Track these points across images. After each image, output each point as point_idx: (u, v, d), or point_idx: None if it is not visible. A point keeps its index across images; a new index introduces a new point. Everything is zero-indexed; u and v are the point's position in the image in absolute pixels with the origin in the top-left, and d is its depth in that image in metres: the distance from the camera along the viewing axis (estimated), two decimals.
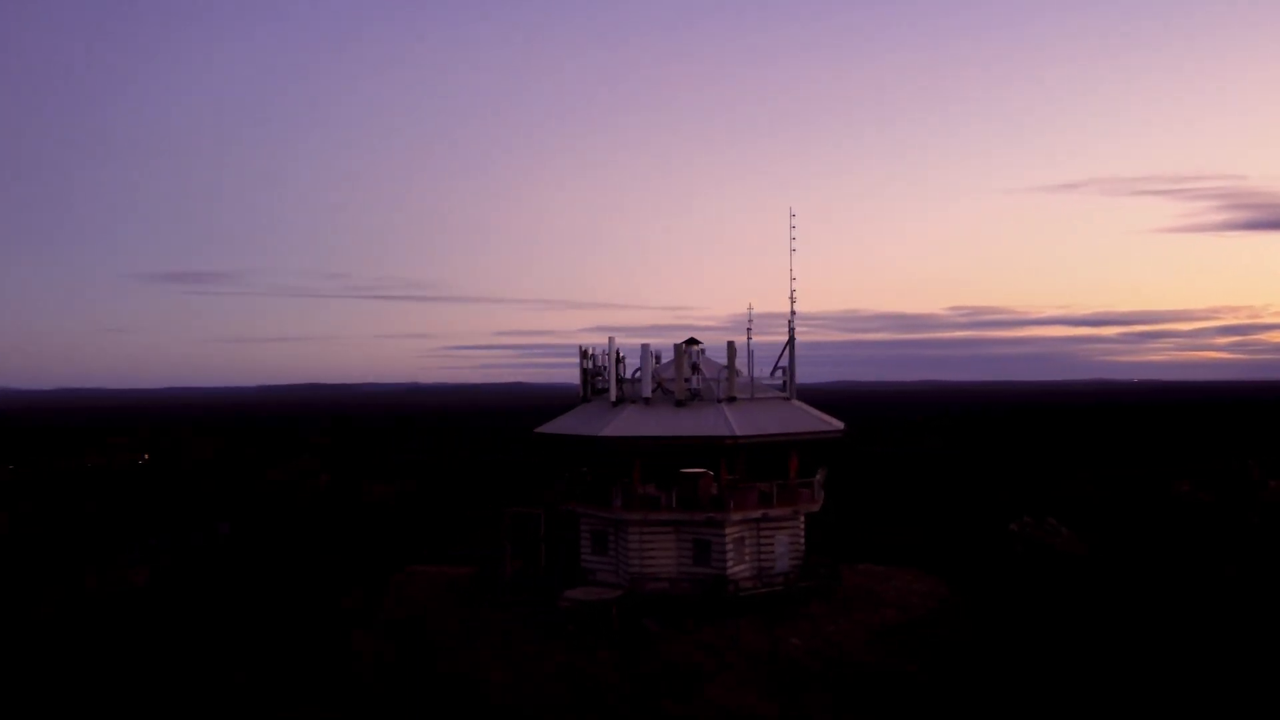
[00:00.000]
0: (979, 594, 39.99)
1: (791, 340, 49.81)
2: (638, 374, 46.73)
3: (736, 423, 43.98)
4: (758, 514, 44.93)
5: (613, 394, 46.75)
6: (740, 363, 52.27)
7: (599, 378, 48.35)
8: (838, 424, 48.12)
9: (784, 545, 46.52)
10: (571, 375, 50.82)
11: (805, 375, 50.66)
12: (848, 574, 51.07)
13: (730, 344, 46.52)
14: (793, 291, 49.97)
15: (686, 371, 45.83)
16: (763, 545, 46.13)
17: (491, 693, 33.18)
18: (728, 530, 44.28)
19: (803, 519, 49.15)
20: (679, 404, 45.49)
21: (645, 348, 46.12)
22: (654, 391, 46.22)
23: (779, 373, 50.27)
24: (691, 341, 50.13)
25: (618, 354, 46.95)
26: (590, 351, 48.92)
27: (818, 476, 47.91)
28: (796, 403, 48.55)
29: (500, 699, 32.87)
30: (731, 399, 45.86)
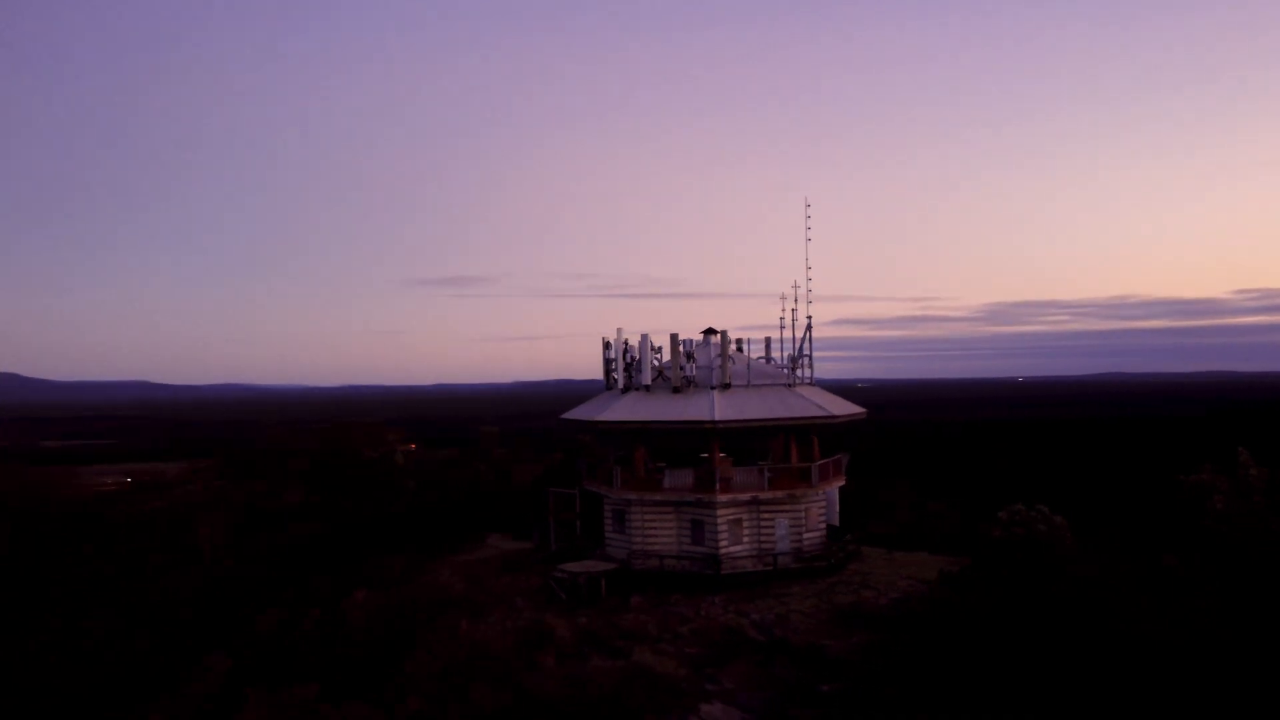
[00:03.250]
0: (954, 581, 39.71)
1: (809, 328, 50.88)
2: (639, 362, 49.85)
3: (721, 408, 46.06)
4: (747, 497, 46.71)
5: (620, 382, 50.20)
6: (774, 351, 54.17)
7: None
8: (838, 411, 48.71)
9: (784, 528, 47.89)
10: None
11: (1065, 366, 50.93)
12: (877, 559, 51.36)
13: (723, 333, 48.61)
14: (809, 281, 51.06)
15: (681, 360, 48.37)
16: (763, 527, 47.79)
17: (442, 640, 37.93)
18: (720, 511, 46.44)
19: (822, 502, 50.21)
20: (675, 390, 48.16)
21: (644, 338, 49.17)
22: (655, 380, 49.17)
23: (803, 360, 51.47)
24: (709, 332, 52.61)
25: (625, 345, 50.31)
26: (611, 343, 52.55)
27: (817, 463, 48.78)
28: (801, 389, 49.59)
29: (445, 644, 37.55)
30: (725, 386, 47.88)
